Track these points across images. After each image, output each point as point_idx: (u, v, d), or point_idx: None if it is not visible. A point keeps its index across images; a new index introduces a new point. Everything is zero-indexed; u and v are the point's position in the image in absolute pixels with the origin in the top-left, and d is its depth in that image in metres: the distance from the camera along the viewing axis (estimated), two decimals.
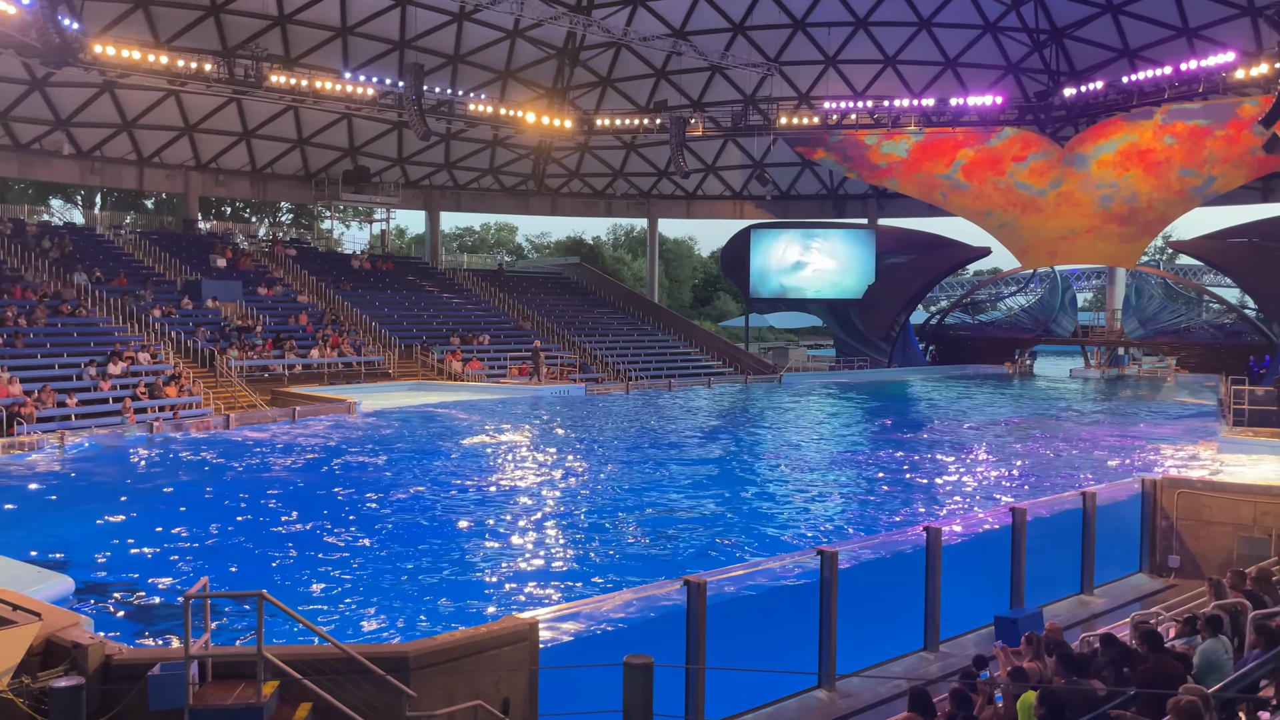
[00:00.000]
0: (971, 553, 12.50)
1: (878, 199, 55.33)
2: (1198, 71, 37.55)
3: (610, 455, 22.59)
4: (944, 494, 18.71)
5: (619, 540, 14.78)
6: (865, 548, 12.12)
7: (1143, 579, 14.79)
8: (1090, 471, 20.66)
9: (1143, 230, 45.68)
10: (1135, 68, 41.50)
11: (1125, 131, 44.09)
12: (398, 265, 48.68)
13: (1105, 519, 13.99)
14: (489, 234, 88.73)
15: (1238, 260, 44.20)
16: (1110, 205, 45.50)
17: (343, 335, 36.88)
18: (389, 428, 26.32)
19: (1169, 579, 14.70)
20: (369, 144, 48.08)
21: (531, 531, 15.25)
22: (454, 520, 15.88)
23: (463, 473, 19.94)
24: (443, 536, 14.87)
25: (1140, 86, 40.01)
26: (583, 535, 15.06)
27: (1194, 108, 41.38)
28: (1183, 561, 14.84)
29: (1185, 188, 43.87)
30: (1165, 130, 43.08)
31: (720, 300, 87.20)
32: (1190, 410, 33.75)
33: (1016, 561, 12.53)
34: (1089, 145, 45.37)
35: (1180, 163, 43.36)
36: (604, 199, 57.02)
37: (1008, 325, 59.13)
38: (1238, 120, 40.46)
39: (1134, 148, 44.18)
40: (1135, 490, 15.22)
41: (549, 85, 48.14)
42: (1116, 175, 44.90)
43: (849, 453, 24.07)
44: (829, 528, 15.80)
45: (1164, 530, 15.05)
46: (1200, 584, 12.33)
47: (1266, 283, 42.29)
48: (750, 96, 48.45)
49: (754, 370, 45.99)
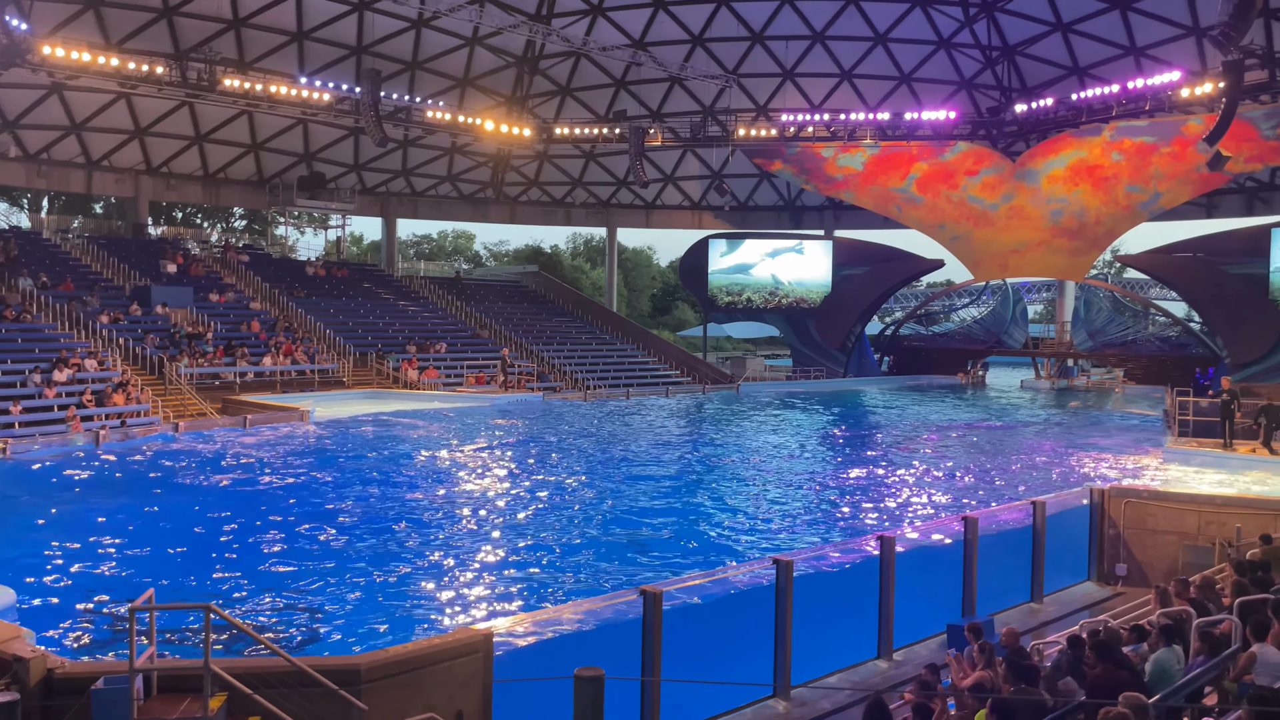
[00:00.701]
0: (924, 561, 12.62)
1: (834, 211, 55.84)
2: (1144, 90, 38.40)
3: (568, 464, 22.52)
4: (898, 503, 18.88)
5: (576, 550, 14.72)
6: (820, 557, 12.19)
7: (1091, 587, 15.01)
8: (1040, 481, 20.97)
9: (1091, 244, 46.57)
10: (1084, 85, 42.35)
11: (1074, 147, 44.97)
12: (353, 272, 48.23)
13: (1055, 528, 14.19)
14: (446, 241, 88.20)
15: (1183, 274, 45.18)
16: (1060, 219, 46.36)
17: (296, 343, 36.43)
18: (342, 436, 26.02)
19: (1116, 587, 14.93)
20: (325, 150, 47.61)
21: (487, 542, 15.14)
22: (408, 530, 15.73)
23: (417, 482, 19.76)
24: (396, 547, 14.71)
25: (1089, 104, 40.82)
26: (539, 545, 14.98)
27: (1141, 125, 42.32)
28: (1129, 570, 15.08)
29: (1132, 203, 44.83)
30: (1113, 146, 44.01)
31: (679, 310, 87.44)
32: (1137, 421, 34.39)
33: (968, 570, 12.67)
34: (1039, 160, 46.21)
35: (1128, 179, 44.32)
36: (563, 207, 56.95)
37: (961, 336, 59.93)
38: (1183, 138, 41.44)
39: (1083, 163, 45.08)
40: (1084, 500, 15.45)
41: (508, 93, 48.00)
42: (1066, 190, 45.77)
43: (805, 462, 24.21)
44: (785, 537, 15.87)
45: (1111, 539, 15.30)
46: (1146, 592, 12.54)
47: (1211, 296, 43.27)
48: (709, 108, 48.72)
49: (712, 380, 46.15)
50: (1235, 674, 7.93)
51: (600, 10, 44.96)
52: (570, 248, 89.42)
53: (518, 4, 42.78)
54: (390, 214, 52.70)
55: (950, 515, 15.23)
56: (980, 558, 12.71)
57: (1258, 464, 20.67)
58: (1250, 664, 7.66)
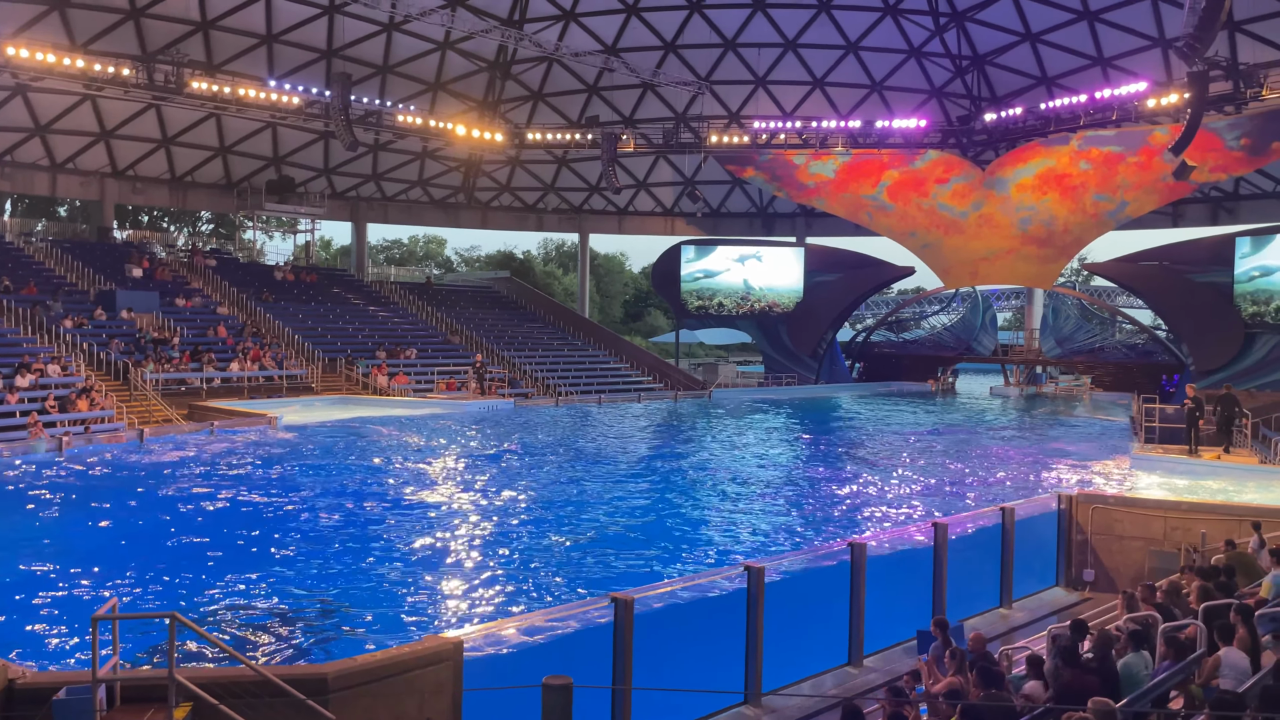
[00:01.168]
0: (895, 567, 12.68)
1: (806, 218, 56.14)
2: (1111, 100, 38.95)
3: (539, 471, 22.45)
4: (869, 509, 18.97)
5: (547, 557, 14.68)
6: (791, 563, 12.22)
7: (1059, 592, 15.16)
8: (1009, 487, 21.15)
9: (1059, 252, 47.13)
10: (1053, 95, 42.90)
11: (1043, 156, 45.53)
12: (322, 277, 47.89)
13: (1023, 534, 14.32)
14: (417, 246, 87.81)
15: (1149, 282, 45.80)
16: (1028, 228, 46.89)
17: (264, 348, 36.11)
18: (311, 443, 25.80)
19: (1084, 592, 15.09)
20: (294, 153, 47.27)
21: (457, 549, 15.06)
22: (377, 537, 15.61)
23: (387, 489, 19.63)
24: (365, 554, 14.60)
25: (1057, 113, 41.36)
26: (510, 552, 14.92)
27: (1108, 134, 42.91)
28: (1097, 575, 15.25)
29: (1100, 212, 45.42)
30: (1081, 156, 44.61)
31: (651, 316, 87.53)
32: (1104, 428, 34.80)
33: (938, 576, 12.75)
34: (1008, 169, 46.74)
35: (1095, 187, 44.90)
36: (535, 213, 56.87)
37: (931, 343, 60.40)
38: (1149, 147, 42.08)
39: (1051, 172, 45.65)
40: (1052, 506, 15.60)
41: (480, 98, 47.92)
42: (1035, 199, 46.31)
43: (777, 468, 24.28)
44: (757, 543, 15.90)
45: (1079, 545, 15.46)
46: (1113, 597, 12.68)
47: (1176, 304, 43.88)
48: (681, 114, 48.87)
49: (684, 386, 46.20)
50: (1201, 678, 8.03)
51: (572, 16, 45.00)
52: (542, 253, 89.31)
53: (490, 9, 42.74)
54: (360, 219, 52.39)
55: (920, 521, 15.33)
56: (950, 563, 12.79)
57: (1224, 470, 20.98)
58: (1216, 668, 7.76)
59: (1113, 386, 48.41)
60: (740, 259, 53.34)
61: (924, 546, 12.83)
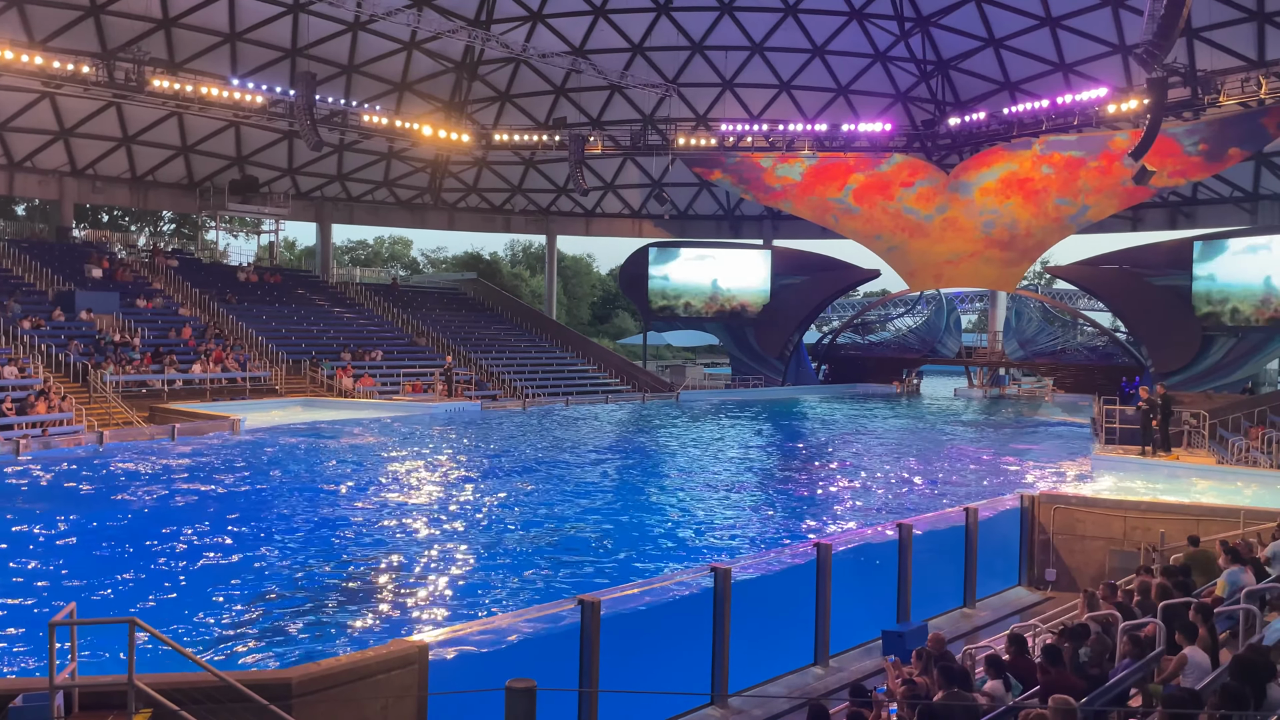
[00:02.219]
0: (860, 568, 12.77)
1: (773, 220, 56.38)
2: (1073, 105, 39.49)
3: (506, 473, 22.39)
4: (835, 510, 19.09)
5: (514, 559, 14.63)
6: (758, 564, 12.27)
7: (1022, 592, 15.33)
8: (973, 487, 21.37)
9: (1022, 255, 47.69)
10: (1015, 99, 43.41)
11: (1006, 160, 46.05)
12: (286, 278, 47.47)
13: (986, 534, 14.48)
14: (383, 248, 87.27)
15: (1110, 286, 46.42)
16: (992, 231, 47.40)
17: (227, 350, 35.74)
18: (274, 446, 25.57)
19: (1046, 592, 15.27)
20: (258, 153, 46.81)
21: (423, 551, 14.98)
22: (340, 541, 15.49)
23: (351, 492, 19.49)
24: (328, 557, 14.49)
25: (1020, 118, 41.87)
26: (477, 555, 14.86)
27: (1069, 139, 43.49)
28: (1059, 574, 15.44)
29: (1061, 215, 46.01)
30: (1043, 160, 45.16)
31: (619, 318, 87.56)
32: (1065, 429, 35.25)
33: (903, 576, 12.85)
34: (972, 173, 47.22)
35: (1057, 191, 45.47)
36: (502, 214, 56.70)
37: (896, 345, 60.88)
38: (1110, 152, 42.68)
39: (1014, 176, 46.18)
40: (1015, 506, 15.79)
41: (446, 99, 47.71)
42: (998, 202, 46.83)
43: (744, 470, 24.36)
44: (724, 545, 15.95)
45: (1041, 544, 15.65)
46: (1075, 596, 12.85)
47: (1136, 307, 44.51)
48: (649, 116, 48.93)
49: (651, 388, 46.25)
50: (1162, 677, 8.15)
51: (540, 17, 44.93)
52: (509, 255, 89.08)
53: (456, 9, 42.57)
54: (325, 219, 51.99)
55: (885, 522, 15.46)
56: (915, 563, 12.91)
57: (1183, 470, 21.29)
58: (1181, 667, 7.87)
59: (1074, 388, 49.03)
60: (707, 261, 53.47)
61: (889, 546, 12.93)
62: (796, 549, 12.90)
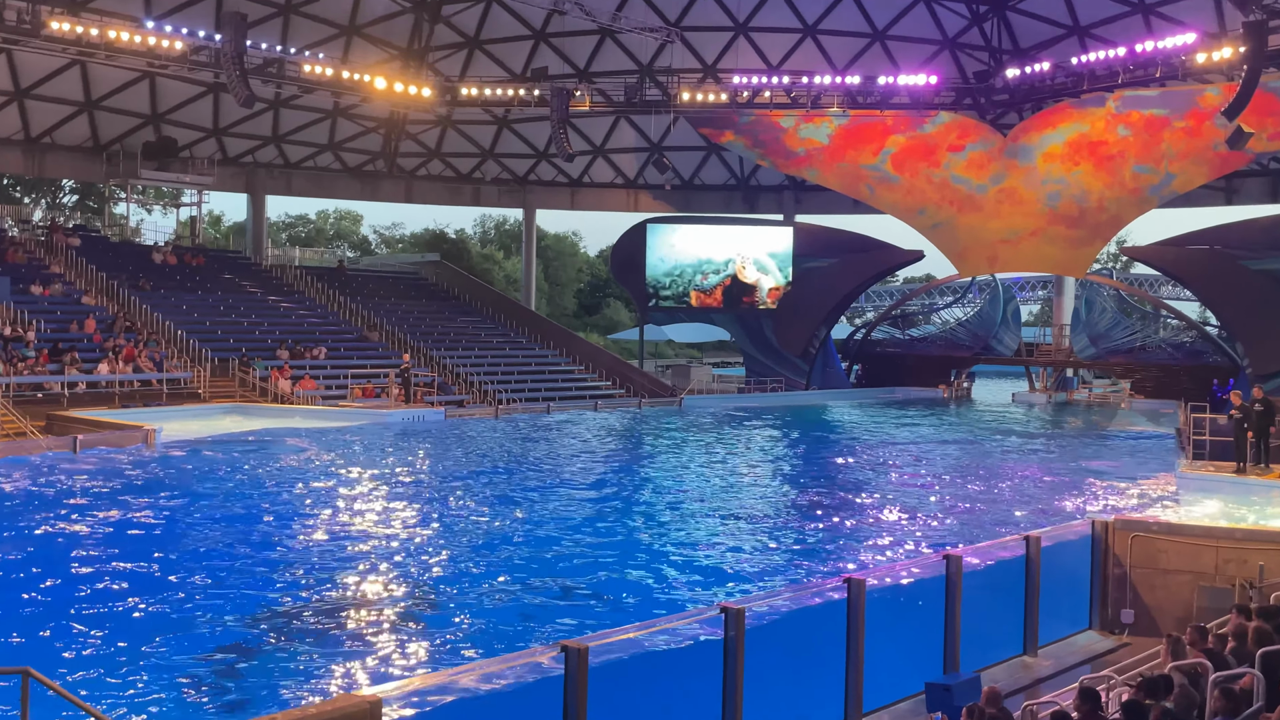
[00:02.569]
0: (899, 608, 12.77)
1: (795, 192, 56.41)
2: (1154, 54, 39.48)
3: (475, 496, 22.41)
4: (868, 540, 19.10)
5: (486, 598, 14.64)
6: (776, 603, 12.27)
7: (1093, 636, 15.33)
8: (1034, 512, 21.39)
9: (1094, 234, 47.76)
10: (1086, 47, 43.44)
11: (1075, 120, 46.10)
12: (211, 260, 47.56)
13: (1051, 567, 14.47)
14: (327, 224, 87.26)
15: (1198, 270, 46.53)
16: (1058, 204, 47.45)
17: (140, 346, 35.80)
18: (197, 462, 25.59)
19: (1122, 636, 15.28)
20: (177, 110, 46.77)
21: (377, 590, 14.98)
22: (276, 577, 15.49)
23: (289, 519, 19.48)
24: (263, 597, 14.48)
25: (1091, 69, 41.88)
26: (442, 593, 14.86)
27: (1151, 95, 43.53)
28: (1137, 616, 15.44)
29: (1140, 186, 46.08)
30: (1119, 120, 45.20)
31: (610, 308, 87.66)
32: (1145, 442, 35.30)
33: (950, 618, 12.84)
34: (1034, 135, 47.27)
35: (1135, 157, 45.53)
36: (470, 184, 56.67)
37: (943, 342, 60.94)
38: (1199, 110, 42.71)
39: (1084, 139, 46.22)
40: (1084, 534, 15.78)
41: (404, 45, 47.67)
42: (1065, 170, 46.89)
43: (760, 491, 24.39)
44: (736, 581, 15.96)
45: (1116, 580, 15.64)
46: (1156, 641, 12.86)
47: (1229, 296, 44.60)
48: (647, 67, 48.91)
49: (650, 392, 46.29)
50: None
51: None
52: (479, 233, 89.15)
53: None
54: (258, 189, 51.96)
55: (930, 553, 15.46)
56: (965, 602, 12.90)
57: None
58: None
59: (1156, 393, 49.11)
60: (716, 240, 53.44)
61: (934, 582, 12.93)
62: (822, 585, 12.90)
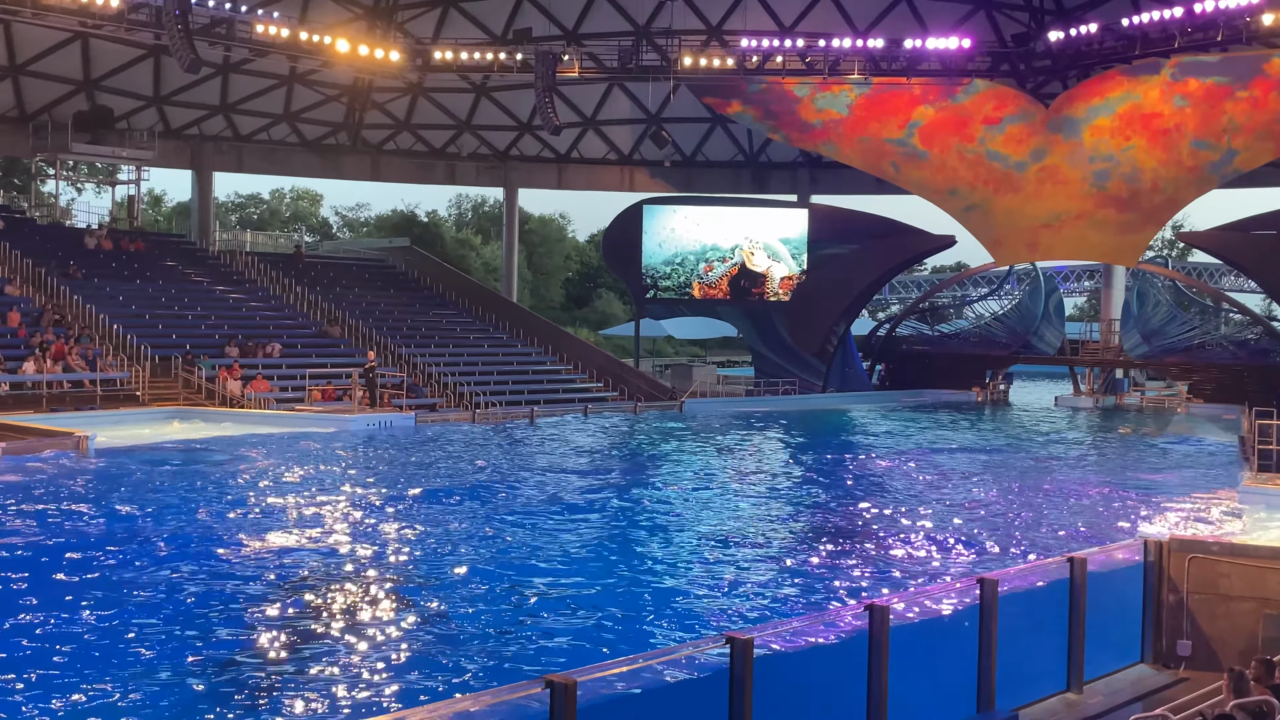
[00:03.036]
0: (928, 637, 12.79)
1: (810, 169, 56.45)
2: (1215, 14, 39.53)
3: (451, 514, 22.39)
4: (893, 562, 19.12)
5: (463, 630, 14.64)
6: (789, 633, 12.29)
7: (1145, 670, 15.35)
8: (1080, 531, 21.42)
9: (1147, 218, 47.80)
10: (1139, 7, 43.48)
11: (1126, 89, 46.11)
12: (151, 245, 47.58)
13: (1098, 592, 14.49)
14: (283, 204, 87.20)
15: (1265, 259, 46.60)
16: (1106, 184, 47.48)
17: (71, 343, 35.81)
18: (135, 473, 25.56)
19: (1179, 670, 15.31)
20: (112, 76, 46.79)
21: (337, 621, 14.97)
22: (223, 606, 15.46)
23: (240, 540, 19.46)
24: (207, 629, 14.46)
25: (1144, 31, 41.91)
26: (412, 624, 14.86)
27: (1211, 61, 43.56)
28: (1195, 647, 15.47)
29: (1200, 164, 46.11)
30: (1175, 89, 45.21)
31: (602, 300, 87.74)
32: (1206, 451, 35.33)
33: (985, 649, 12.86)
34: (1080, 106, 47.29)
35: (1194, 132, 45.55)
36: (444, 160, 56.67)
37: (976, 339, 61.01)
38: (1265, 79, 42.77)
39: (1137, 110, 46.23)
40: (1136, 555, 15.79)
41: (369, 3, 47.65)
42: (1115, 146, 46.90)
43: (771, 508, 24.40)
44: (744, 608, 15.97)
45: (1172, 607, 15.65)
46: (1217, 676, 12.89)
47: None
48: (644, 28, 48.93)
49: (647, 395, 46.32)
50: None
51: None
52: (454, 215, 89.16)
53: None
54: (204, 165, 51.93)
55: (962, 577, 15.47)
56: (1002, 632, 12.92)
57: None
58: None
59: (1217, 397, 49.15)
60: (722, 223, 53.44)
61: (967, 609, 12.95)
62: (842, 613, 12.92)
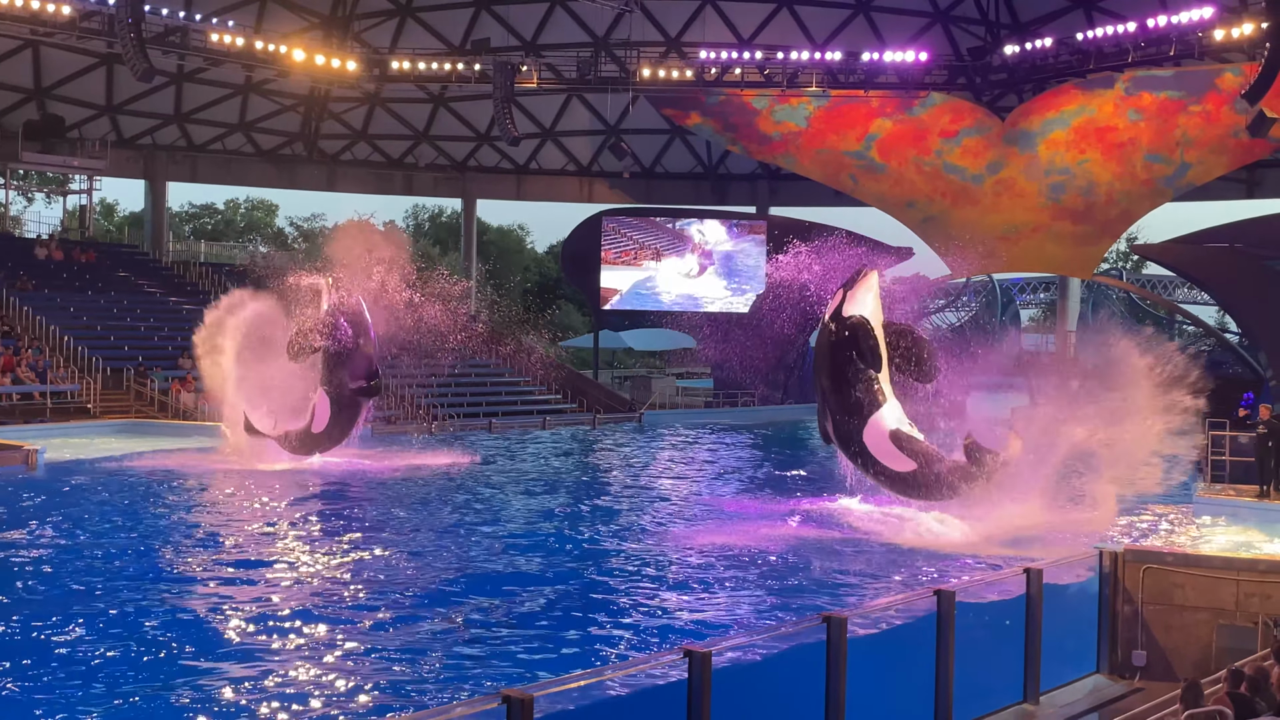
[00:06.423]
0: (885, 650, 12.84)
1: (769, 181, 56.66)
2: (1168, 29, 39.97)
3: (409, 529, 22.30)
4: (850, 575, 19.17)
5: (416, 645, 14.58)
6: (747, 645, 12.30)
7: (1101, 681, 15.45)
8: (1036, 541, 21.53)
9: (1102, 230, 48.23)
10: (1093, 22, 43.94)
11: (1081, 103, 46.52)
12: (103, 256, 47.38)
13: (1054, 603, 14.59)
14: (237, 215, 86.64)
15: (1217, 271, 46.98)
16: (1062, 197, 47.86)
17: (20, 355, 35.53)
18: (85, 489, 25.31)
19: (1133, 680, 15.42)
20: (64, 84, 46.47)
21: (293, 643, 14.84)
22: (177, 626, 15.31)
23: (193, 559, 19.28)
24: (161, 651, 14.32)
25: (1099, 46, 42.32)
26: (366, 639, 14.78)
27: (1164, 75, 44.03)
28: (1150, 657, 15.59)
29: (1154, 177, 46.55)
30: (1129, 103, 45.63)
31: (561, 311, 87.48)
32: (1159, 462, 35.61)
33: (943, 661, 12.92)
34: (1035, 120, 47.66)
35: (1148, 145, 45.97)
36: (401, 171, 56.51)
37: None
38: (1217, 93, 43.20)
39: (1091, 124, 46.61)
40: (1092, 566, 15.91)
41: (325, 12, 47.49)
42: (1070, 159, 47.27)
43: (730, 522, 24.41)
44: (703, 622, 15.98)
45: (1127, 617, 15.77)
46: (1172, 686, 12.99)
47: (1251, 300, 45.07)
48: (602, 39, 48.98)
49: (605, 407, 46.33)
50: None
51: None
52: (412, 225, 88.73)
53: None
54: (158, 175, 51.60)
55: (920, 588, 15.54)
56: (959, 643, 12.98)
57: None
58: None
59: None
60: (681, 235, 53.52)
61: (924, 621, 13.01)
62: (800, 625, 12.95)
